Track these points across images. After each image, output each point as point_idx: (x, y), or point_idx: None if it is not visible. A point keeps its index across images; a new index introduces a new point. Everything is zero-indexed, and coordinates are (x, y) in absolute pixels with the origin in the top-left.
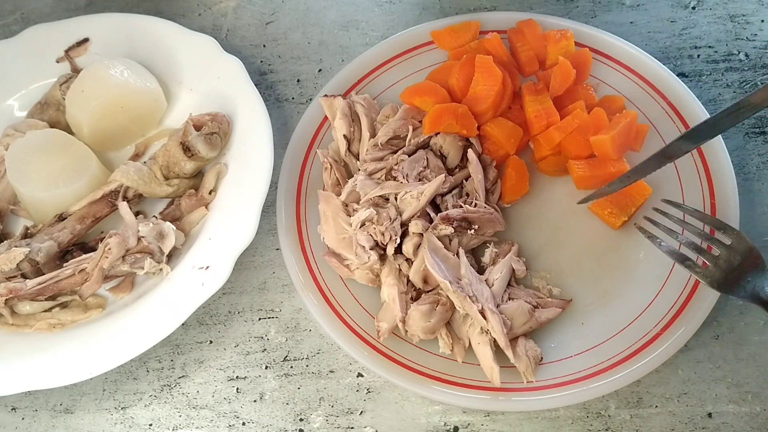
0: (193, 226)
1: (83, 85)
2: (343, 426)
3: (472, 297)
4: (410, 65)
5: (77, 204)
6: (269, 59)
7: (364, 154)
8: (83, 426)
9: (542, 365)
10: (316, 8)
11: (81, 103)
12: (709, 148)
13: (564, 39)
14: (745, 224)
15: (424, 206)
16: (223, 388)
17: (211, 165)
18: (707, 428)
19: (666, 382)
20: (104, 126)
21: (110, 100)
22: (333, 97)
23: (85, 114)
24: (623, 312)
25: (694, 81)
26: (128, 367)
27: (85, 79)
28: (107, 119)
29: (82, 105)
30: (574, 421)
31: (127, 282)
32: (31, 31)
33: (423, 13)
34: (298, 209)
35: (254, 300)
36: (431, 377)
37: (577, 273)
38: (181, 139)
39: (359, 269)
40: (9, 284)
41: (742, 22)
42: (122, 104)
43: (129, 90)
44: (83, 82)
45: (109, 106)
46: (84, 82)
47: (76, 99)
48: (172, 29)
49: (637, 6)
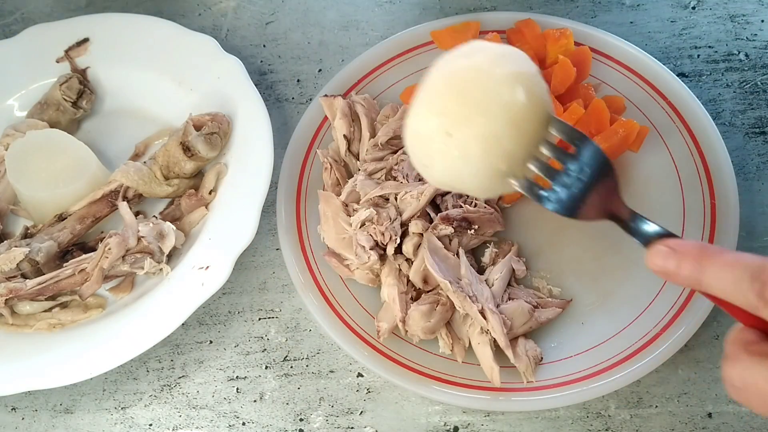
0: (193, 226)
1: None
2: (343, 426)
3: (472, 297)
4: (410, 65)
5: (77, 204)
6: (269, 59)
7: (364, 154)
8: (83, 426)
9: (542, 365)
10: (316, 8)
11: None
12: (709, 148)
13: (563, 37)
14: (745, 224)
15: (424, 206)
16: (223, 388)
17: (211, 165)
18: (707, 428)
19: (666, 382)
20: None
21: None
22: (333, 97)
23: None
24: (623, 312)
25: (694, 81)
26: (128, 367)
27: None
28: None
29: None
30: (574, 421)
31: (127, 282)
32: (31, 31)
33: (423, 13)
34: (298, 209)
35: (254, 300)
36: (431, 377)
37: (577, 273)
38: (181, 139)
39: (359, 269)
40: (9, 284)
41: (742, 22)
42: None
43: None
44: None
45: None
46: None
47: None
48: (172, 29)
49: (637, 6)
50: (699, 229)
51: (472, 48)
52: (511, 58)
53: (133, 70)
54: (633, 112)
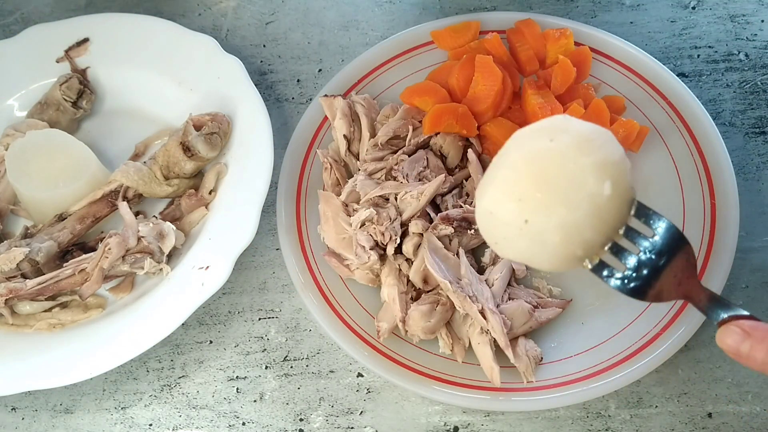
0: (193, 226)
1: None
2: (343, 426)
3: (472, 297)
4: (410, 65)
5: (77, 204)
6: (269, 59)
7: (364, 154)
8: (83, 426)
9: (542, 365)
10: (316, 8)
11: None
12: (709, 148)
13: (563, 37)
14: (745, 224)
15: (424, 206)
16: (223, 388)
17: (211, 165)
18: (707, 428)
19: (666, 382)
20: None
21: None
22: (333, 97)
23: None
24: (623, 312)
25: (694, 81)
26: (128, 367)
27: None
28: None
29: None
30: (574, 421)
31: (127, 282)
32: (31, 31)
33: (423, 13)
34: (298, 209)
35: (254, 300)
36: (431, 377)
37: (577, 273)
38: (181, 139)
39: (359, 269)
40: (9, 284)
41: (742, 22)
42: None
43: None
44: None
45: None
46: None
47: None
48: (172, 29)
49: (637, 6)
50: (699, 229)
51: (555, 126)
52: (598, 143)
53: (133, 70)
54: (633, 112)
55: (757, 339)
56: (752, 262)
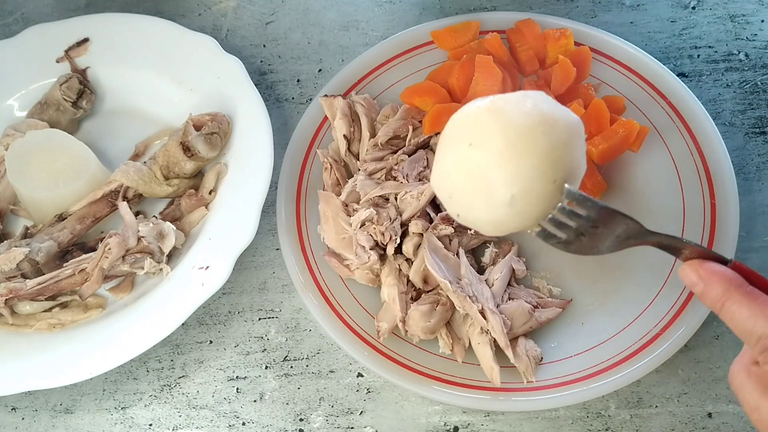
0: (193, 226)
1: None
2: (343, 426)
3: (472, 297)
4: (410, 65)
5: (77, 204)
6: (269, 59)
7: (364, 154)
8: (83, 426)
9: (542, 365)
10: (316, 8)
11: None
12: (709, 148)
13: (563, 37)
14: (745, 224)
15: (424, 206)
16: (223, 388)
17: (211, 165)
18: (707, 428)
19: (666, 382)
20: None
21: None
22: (333, 97)
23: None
24: (623, 312)
25: (694, 81)
26: (128, 367)
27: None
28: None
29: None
30: (574, 421)
31: (127, 282)
32: (31, 31)
33: (423, 13)
34: (298, 209)
35: (254, 300)
36: (431, 377)
37: (577, 273)
38: (181, 139)
39: (359, 269)
40: (9, 284)
41: (742, 22)
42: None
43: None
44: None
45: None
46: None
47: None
48: (172, 29)
49: (637, 6)
50: (699, 229)
51: (479, 126)
52: (514, 153)
53: (133, 70)
54: (633, 112)
55: (704, 279)
56: (752, 262)
